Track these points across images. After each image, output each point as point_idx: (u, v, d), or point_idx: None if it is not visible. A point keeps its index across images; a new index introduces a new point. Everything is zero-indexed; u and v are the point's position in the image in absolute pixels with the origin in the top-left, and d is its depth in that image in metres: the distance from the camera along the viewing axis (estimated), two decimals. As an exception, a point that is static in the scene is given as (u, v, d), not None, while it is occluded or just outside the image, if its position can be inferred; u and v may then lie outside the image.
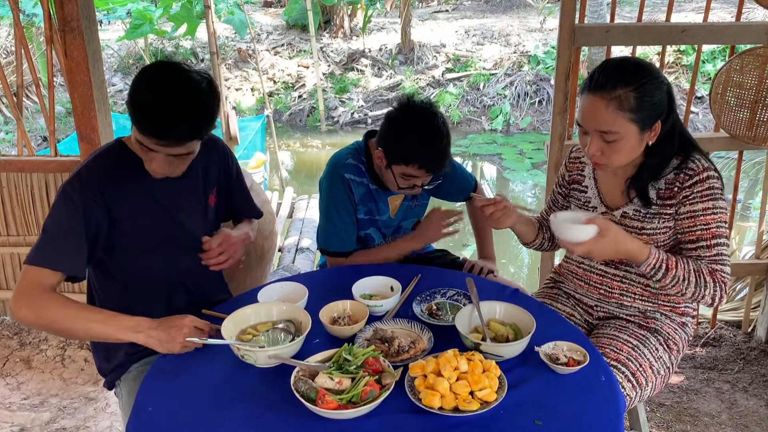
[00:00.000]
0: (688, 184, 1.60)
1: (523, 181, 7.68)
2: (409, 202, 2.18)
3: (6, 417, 2.51)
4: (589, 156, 1.63)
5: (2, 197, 2.93)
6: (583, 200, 1.83)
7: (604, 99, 1.54)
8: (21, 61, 2.75)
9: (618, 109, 1.53)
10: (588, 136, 1.61)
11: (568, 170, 1.91)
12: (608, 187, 1.78)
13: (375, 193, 2.09)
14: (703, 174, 1.60)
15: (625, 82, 1.53)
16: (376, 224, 2.15)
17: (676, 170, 1.63)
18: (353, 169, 2.05)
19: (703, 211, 1.60)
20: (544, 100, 9.50)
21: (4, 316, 3.16)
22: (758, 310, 2.95)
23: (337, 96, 10.13)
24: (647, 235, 1.68)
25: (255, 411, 1.31)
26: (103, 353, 1.78)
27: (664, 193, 1.65)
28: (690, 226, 1.62)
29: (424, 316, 1.64)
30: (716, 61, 8.93)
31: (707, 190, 1.59)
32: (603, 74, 1.57)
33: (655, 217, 1.67)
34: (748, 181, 6.33)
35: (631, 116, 1.54)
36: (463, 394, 1.29)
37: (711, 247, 1.60)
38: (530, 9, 12.91)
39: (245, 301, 1.68)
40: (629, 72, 1.55)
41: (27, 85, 7.46)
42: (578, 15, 2.51)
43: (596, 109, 1.56)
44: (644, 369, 1.67)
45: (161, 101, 1.44)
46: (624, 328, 1.76)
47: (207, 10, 5.52)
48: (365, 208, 2.10)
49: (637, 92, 1.53)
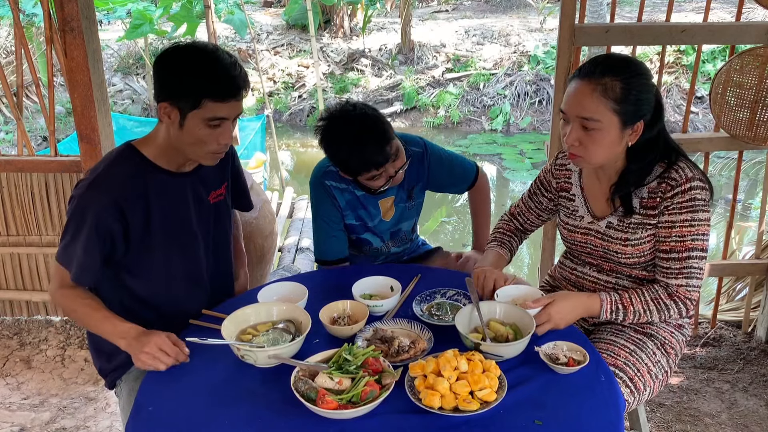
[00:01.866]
0: (670, 194, 1.59)
1: (523, 181, 7.68)
2: (404, 203, 2.15)
3: (6, 417, 2.51)
4: (567, 146, 1.62)
5: (2, 197, 2.93)
6: (571, 209, 1.81)
7: (591, 84, 1.54)
8: (21, 61, 2.75)
9: (602, 96, 1.53)
10: (568, 126, 1.60)
11: (554, 177, 1.88)
12: (594, 196, 1.76)
13: (363, 199, 2.08)
14: (686, 185, 1.58)
15: (613, 72, 1.54)
16: (370, 230, 2.14)
17: (659, 179, 1.62)
18: (334, 176, 2.03)
19: (681, 222, 1.59)
20: (544, 100, 9.50)
21: (4, 316, 3.16)
22: (758, 310, 2.95)
23: (337, 96, 10.13)
24: (632, 245, 1.67)
25: (255, 411, 1.31)
26: (105, 353, 1.78)
27: (647, 202, 1.64)
28: (666, 236, 1.61)
29: (425, 316, 1.64)
30: (716, 61, 8.92)
31: (688, 202, 1.58)
32: (593, 63, 1.58)
33: (639, 227, 1.66)
34: (748, 181, 6.34)
35: (615, 106, 1.53)
36: (463, 394, 1.29)
37: (682, 259, 1.60)
38: (530, 9, 12.91)
39: (245, 301, 1.68)
40: (619, 64, 1.56)
41: (27, 85, 7.46)
42: (578, 15, 2.52)
43: (581, 94, 1.55)
44: (642, 374, 1.66)
45: (216, 61, 1.51)
46: (621, 333, 1.75)
47: (207, 10, 5.53)
48: (354, 215, 2.09)
49: (624, 83, 1.53)
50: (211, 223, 1.79)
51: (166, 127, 1.60)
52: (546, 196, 1.92)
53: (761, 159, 5.56)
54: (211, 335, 1.52)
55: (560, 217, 1.87)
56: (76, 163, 2.77)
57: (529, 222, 1.99)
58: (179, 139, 1.58)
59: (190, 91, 1.50)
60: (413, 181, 2.14)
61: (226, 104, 1.53)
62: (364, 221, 2.11)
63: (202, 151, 1.60)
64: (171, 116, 1.55)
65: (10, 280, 3.08)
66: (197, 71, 1.50)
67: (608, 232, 1.71)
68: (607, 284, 1.78)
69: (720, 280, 3.12)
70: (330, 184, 2.03)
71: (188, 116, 1.53)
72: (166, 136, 1.61)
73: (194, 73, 1.50)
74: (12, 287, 3.10)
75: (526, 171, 7.83)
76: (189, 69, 1.51)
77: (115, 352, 1.74)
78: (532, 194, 1.96)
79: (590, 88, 1.54)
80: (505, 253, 1.93)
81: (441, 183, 2.23)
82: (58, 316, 3.14)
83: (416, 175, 2.14)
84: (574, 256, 1.86)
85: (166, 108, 1.54)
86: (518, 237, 2.01)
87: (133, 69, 10.52)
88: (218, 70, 1.51)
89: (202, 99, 1.50)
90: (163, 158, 1.65)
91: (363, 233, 2.13)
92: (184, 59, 1.53)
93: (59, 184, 2.89)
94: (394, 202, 2.14)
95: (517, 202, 2.02)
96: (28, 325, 3.10)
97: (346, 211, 2.07)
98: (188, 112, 1.52)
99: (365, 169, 1.89)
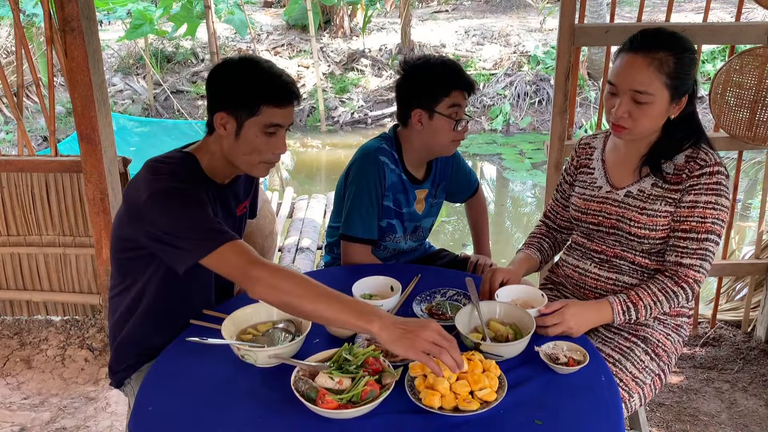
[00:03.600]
0: (697, 173, 1.62)
1: (523, 181, 7.68)
2: (432, 198, 2.18)
3: (6, 417, 2.51)
4: (616, 117, 1.62)
5: (2, 197, 2.93)
6: (588, 181, 1.84)
7: (646, 58, 1.57)
8: (21, 61, 2.75)
9: (658, 71, 1.56)
10: (616, 98, 1.62)
11: (577, 155, 1.91)
12: (616, 167, 1.79)
13: (407, 184, 2.09)
14: (714, 167, 1.62)
15: (667, 46, 1.57)
16: (401, 217, 2.12)
17: (687, 158, 1.65)
18: (386, 154, 2.05)
19: (705, 204, 1.61)
20: (544, 100, 9.49)
21: (4, 316, 3.16)
22: (758, 310, 2.95)
23: (337, 96, 10.12)
24: (647, 215, 1.68)
25: (255, 411, 1.31)
26: (116, 351, 1.76)
27: (672, 178, 1.66)
28: (687, 216, 1.63)
29: (425, 316, 1.64)
30: (716, 61, 8.92)
31: (714, 185, 1.61)
32: (645, 37, 1.60)
33: (657, 200, 1.68)
34: (748, 181, 6.33)
35: (667, 81, 1.57)
36: (463, 394, 1.29)
37: (700, 240, 1.62)
38: (530, 9, 12.91)
39: (245, 301, 1.68)
40: (671, 39, 1.60)
41: (27, 85, 7.47)
42: (578, 15, 2.52)
43: (635, 68, 1.58)
44: (626, 383, 1.66)
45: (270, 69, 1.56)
46: (609, 340, 1.74)
47: (207, 10, 5.53)
48: (393, 197, 2.08)
49: (677, 58, 1.57)
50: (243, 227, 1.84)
51: (217, 139, 1.61)
52: (567, 182, 1.95)
53: (761, 159, 5.55)
54: (211, 335, 1.52)
55: (575, 191, 1.87)
56: (77, 163, 2.77)
57: (560, 217, 1.99)
58: (234, 150, 1.59)
59: (248, 98, 1.53)
60: (440, 179, 2.19)
61: (282, 110, 1.56)
62: (399, 206, 2.10)
63: (256, 160, 1.61)
64: (227, 126, 1.56)
65: (10, 280, 3.08)
66: (254, 79, 1.54)
67: (626, 201, 1.73)
68: (608, 281, 1.78)
69: (720, 280, 3.12)
70: (383, 160, 2.03)
71: (245, 125, 1.55)
72: (217, 149, 1.62)
73: (251, 80, 1.54)
74: (12, 287, 3.10)
75: (525, 171, 7.83)
76: (246, 77, 1.54)
77: (127, 351, 1.73)
78: (558, 187, 1.99)
79: (646, 62, 1.57)
80: (533, 252, 1.94)
81: (455, 187, 2.28)
82: (58, 315, 3.14)
83: (442, 172, 2.19)
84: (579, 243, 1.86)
85: (223, 118, 1.56)
86: (551, 237, 2.01)
87: (133, 69, 10.51)
88: (274, 77, 1.55)
89: (260, 105, 1.53)
90: (212, 170, 1.66)
91: (392, 218, 2.11)
92: (240, 69, 1.57)
93: (59, 184, 2.89)
94: (426, 195, 2.16)
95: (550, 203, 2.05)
96: (28, 325, 3.10)
97: (388, 192, 2.07)
98: (245, 120, 1.55)
99: (451, 85, 1.92)
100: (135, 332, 1.71)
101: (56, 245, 3.00)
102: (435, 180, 2.17)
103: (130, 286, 1.68)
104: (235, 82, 1.55)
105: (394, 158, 2.06)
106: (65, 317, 3.13)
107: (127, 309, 1.70)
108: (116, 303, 1.73)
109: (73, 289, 3.08)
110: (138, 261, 1.63)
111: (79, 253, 2.99)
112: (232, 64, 1.59)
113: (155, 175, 1.53)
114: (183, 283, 1.64)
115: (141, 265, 1.63)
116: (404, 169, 2.08)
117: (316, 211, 5.08)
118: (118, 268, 1.70)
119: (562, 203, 1.97)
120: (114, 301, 1.74)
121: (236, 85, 1.55)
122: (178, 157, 1.62)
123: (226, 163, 1.64)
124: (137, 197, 1.50)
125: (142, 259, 1.61)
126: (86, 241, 2.97)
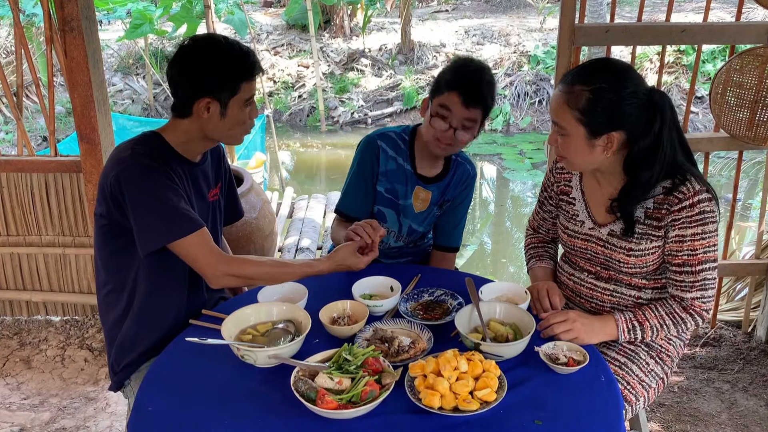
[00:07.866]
0: (676, 207, 1.57)
1: (523, 181, 7.68)
2: (436, 207, 2.11)
3: (6, 417, 2.51)
4: (551, 143, 1.65)
5: (2, 197, 2.93)
6: (571, 213, 1.79)
7: (562, 92, 1.57)
8: (21, 61, 2.75)
9: (568, 104, 1.55)
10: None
11: (555, 180, 1.85)
12: (596, 201, 1.73)
13: (409, 176, 2.06)
14: (694, 198, 1.55)
15: (584, 81, 1.54)
16: (396, 207, 2.10)
17: (665, 189, 1.59)
18: (390, 141, 2.05)
19: (691, 236, 1.57)
20: (544, 100, 9.49)
21: (4, 316, 3.16)
22: (758, 310, 2.95)
23: (337, 96, 10.12)
24: (635, 256, 1.65)
25: (255, 411, 1.31)
26: (115, 352, 1.76)
27: (652, 213, 1.61)
28: (677, 250, 1.60)
29: (410, 314, 1.63)
30: (716, 61, 8.92)
31: (697, 215, 1.56)
32: (577, 68, 1.61)
33: (642, 238, 1.63)
34: (748, 181, 6.33)
35: (579, 116, 1.54)
36: (463, 394, 1.29)
37: (696, 273, 1.59)
38: (530, 9, 12.91)
39: (245, 301, 1.68)
40: (596, 73, 1.55)
41: (27, 85, 7.46)
42: (578, 15, 2.51)
43: (554, 99, 1.60)
44: (633, 386, 1.66)
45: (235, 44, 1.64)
46: (612, 345, 1.73)
47: (207, 10, 5.52)
48: (388, 185, 2.07)
49: (592, 94, 1.52)
50: (209, 222, 1.79)
51: (196, 121, 1.64)
52: (551, 203, 1.90)
53: (761, 159, 5.56)
54: (211, 335, 1.52)
55: (560, 220, 1.85)
56: (76, 163, 2.77)
57: (552, 232, 1.96)
58: (218, 128, 1.64)
59: (229, 80, 1.59)
60: (449, 195, 2.12)
61: (254, 81, 1.66)
62: (395, 196, 2.08)
63: (239, 131, 1.69)
64: (210, 109, 1.60)
65: (10, 280, 3.08)
66: (229, 60, 1.59)
67: (611, 240, 1.68)
68: (605, 291, 1.76)
69: (720, 280, 3.11)
70: (381, 145, 2.04)
71: (229, 104, 1.61)
72: (194, 128, 1.65)
73: (227, 62, 1.59)
74: (12, 287, 3.10)
75: (525, 171, 7.82)
76: (221, 61, 1.59)
77: (128, 351, 1.74)
78: (541, 205, 1.95)
79: (561, 96, 1.57)
80: (548, 263, 1.92)
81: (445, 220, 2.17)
82: (58, 316, 3.14)
83: (454, 191, 2.12)
84: (573, 261, 1.85)
85: (207, 103, 1.60)
86: (552, 244, 1.99)
87: (133, 69, 10.51)
88: (244, 55, 1.61)
89: (240, 83, 1.60)
90: (183, 146, 1.69)
91: (386, 206, 2.09)
92: (209, 53, 1.61)
93: (59, 184, 2.89)
94: (430, 199, 2.10)
95: (532, 215, 2.02)
96: (28, 325, 3.10)
97: (381, 177, 2.06)
98: (228, 99, 1.61)
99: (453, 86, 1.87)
100: (134, 331, 1.71)
101: (56, 245, 3.00)
102: (446, 192, 2.11)
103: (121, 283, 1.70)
104: (212, 67, 1.59)
105: (399, 146, 2.05)
106: (65, 317, 3.13)
107: (124, 308, 1.71)
108: (110, 302, 1.74)
109: (72, 289, 3.07)
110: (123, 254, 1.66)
111: (78, 253, 2.99)
112: (197, 49, 1.63)
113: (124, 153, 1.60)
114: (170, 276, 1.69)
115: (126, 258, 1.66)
116: (412, 162, 2.06)
117: (316, 211, 5.08)
118: (104, 265, 1.72)
119: (550, 221, 1.93)
120: (107, 300, 1.75)
121: (215, 69, 1.59)
122: (146, 136, 1.67)
123: (201, 139, 1.68)
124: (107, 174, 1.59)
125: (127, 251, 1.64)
126: (86, 241, 2.97)
